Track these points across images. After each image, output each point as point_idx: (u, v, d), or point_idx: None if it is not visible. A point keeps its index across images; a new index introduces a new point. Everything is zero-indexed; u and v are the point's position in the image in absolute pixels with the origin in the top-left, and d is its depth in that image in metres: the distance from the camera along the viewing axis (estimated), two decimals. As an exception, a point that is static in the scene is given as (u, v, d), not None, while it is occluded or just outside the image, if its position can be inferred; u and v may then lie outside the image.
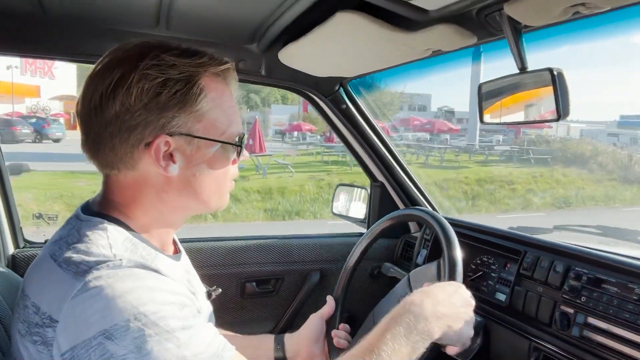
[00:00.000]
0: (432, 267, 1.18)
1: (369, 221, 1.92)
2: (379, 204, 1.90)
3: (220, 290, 1.01)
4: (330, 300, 1.22)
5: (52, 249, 0.71)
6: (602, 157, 17.45)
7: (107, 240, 0.69)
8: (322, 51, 1.30)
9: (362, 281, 1.25)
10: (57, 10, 1.18)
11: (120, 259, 0.67)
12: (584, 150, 18.71)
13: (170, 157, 0.74)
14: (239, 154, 0.82)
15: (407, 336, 0.82)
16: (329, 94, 1.67)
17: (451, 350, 0.98)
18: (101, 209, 0.77)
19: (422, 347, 0.84)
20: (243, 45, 1.40)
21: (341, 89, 1.68)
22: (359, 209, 1.98)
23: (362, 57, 1.35)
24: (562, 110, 0.88)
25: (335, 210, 2.04)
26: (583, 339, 1.07)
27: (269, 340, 1.14)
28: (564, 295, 1.13)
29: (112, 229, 0.72)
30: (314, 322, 1.18)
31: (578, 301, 1.09)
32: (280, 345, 1.13)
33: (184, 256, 0.92)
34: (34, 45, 1.28)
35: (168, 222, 0.81)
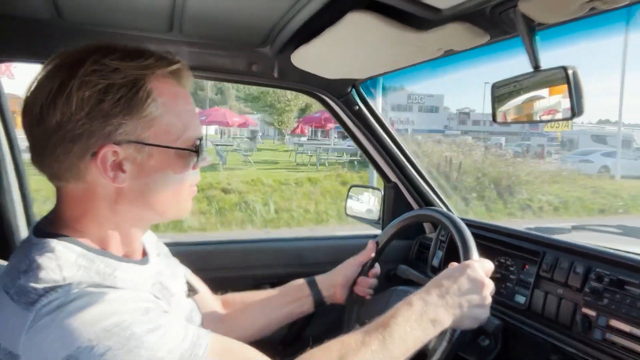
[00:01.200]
0: None
1: (383, 222, 1.91)
2: (393, 204, 1.89)
3: (199, 292, 1.00)
4: (370, 245, 1.24)
5: (5, 281, 0.67)
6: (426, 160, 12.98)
7: (55, 262, 0.66)
8: (334, 53, 1.29)
9: (377, 283, 1.25)
10: (73, 17, 1.20)
11: (70, 283, 0.64)
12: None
13: (119, 166, 0.70)
14: (198, 159, 0.77)
15: (418, 322, 0.84)
16: (342, 96, 1.67)
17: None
18: (52, 229, 0.72)
19: (432, 333, 0.86)
20: (255, 48, 1.41)
21: (353, 91, 1.68)
22: (373, 210, 1.97)
23: (374, 58, 1.34)
24: (576, 109, 0.86)
25: (348, 212, 2.04)
26: (606, 342, 1.04)
27: (304, 288, 1.18)
28: (585, 297, 1.10)
29: (62, 248, 0.68)
30: (351, 266, 1.21)
31: (600, 303, 1.07)
32: (317, 292, 1.17)
33: (155, 257, 0.87)
34: (51, 52, 1.29)
35: (127, 233, 0.77)
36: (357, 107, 1.70)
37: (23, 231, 1.45)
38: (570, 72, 0.85)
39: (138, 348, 0.60)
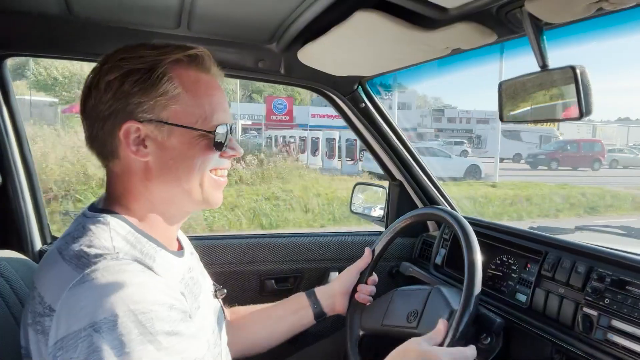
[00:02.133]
0: (447, 309, 1.11)
1: (387, 220, 1.92)
2: (398, 202, 1.90)
3: (225, 291, 1.03)
4: (367, 252, 1.25)
5: (60, 244, 0.75)
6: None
7: (109, 234, 0.73)
8: (341, 50, 1.30)
9: (380, 280, 1.26)
10: (83, 13, 1.21)
11: (118, 252, 0.70)
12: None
13: (142, 142, 0.77)
14: (221, 144, 0.80)
15: None
16: (348, 93, 1.68)
17: None
18: (105, 205, 0.81)
19: None
20: (263, 45, 1.42)
21: (360, 88, 1.68)
22: (378, 208, 1.98)
23: (381, 56, 1.34)
24: (584, 109, 0.86)
25: (353, 209, 2.05)
26: (607, 342, 1.04)
27: (303, 300, 1.19)
28: (586, 297, 1.11)
29: (115, 222, 0.76)
30: (349, 275, 1.23)
31: (601, 303, 1.07)
32: (315, 302, 1.19)
33: (189, 254, 0.93)
34: (61, 47, 1.32)
35: (163, 215, 0.82)
36: (364, 105, 1.71)
37: (32, 221, 1.47)
38: (578, 71, 0.85)
39: (150, 343, 0.64)
